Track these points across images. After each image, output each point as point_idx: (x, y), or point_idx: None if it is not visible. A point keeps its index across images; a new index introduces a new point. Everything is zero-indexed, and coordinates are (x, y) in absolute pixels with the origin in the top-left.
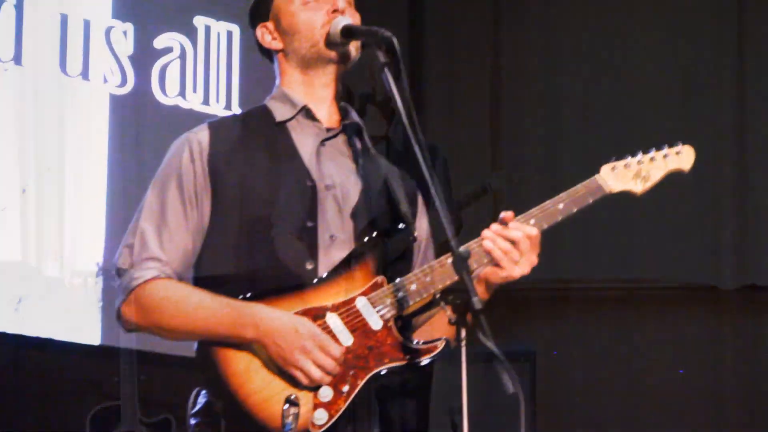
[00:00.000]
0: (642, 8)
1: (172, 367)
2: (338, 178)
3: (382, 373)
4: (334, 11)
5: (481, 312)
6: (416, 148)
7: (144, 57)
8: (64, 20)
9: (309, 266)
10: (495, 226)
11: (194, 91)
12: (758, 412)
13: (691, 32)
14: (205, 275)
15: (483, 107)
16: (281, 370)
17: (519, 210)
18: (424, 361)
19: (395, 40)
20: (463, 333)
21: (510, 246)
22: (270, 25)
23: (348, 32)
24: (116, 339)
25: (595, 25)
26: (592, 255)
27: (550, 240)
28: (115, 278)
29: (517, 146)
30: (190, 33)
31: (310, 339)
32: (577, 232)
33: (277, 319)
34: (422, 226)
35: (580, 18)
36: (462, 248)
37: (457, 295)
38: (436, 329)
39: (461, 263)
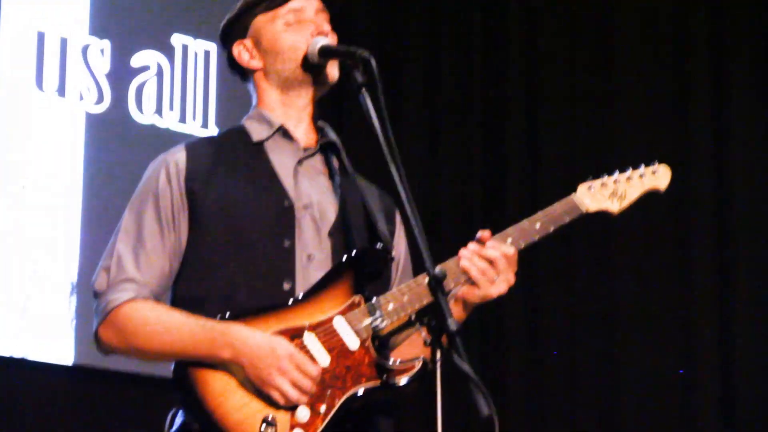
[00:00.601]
0: (621, 31)
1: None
2: (315, 197)
3: (360, 393)
4: (319, 33)
5: (456, 334)
6: (392, 168)
7: (121, 75)
8: (41, 37)
9: (287, 286)
10: (472, 245)
11: (171, 109)
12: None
13: (669, 54)
14: (184, 295)
15: (466, 126)
16: (258, 390)
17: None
18: (402, 380)
19: (373, 61)
20: (439, 355)
21: (487, 265)
22: (248, 42)
23: (326, 52)
24: (90, 359)
25: (578, 48)
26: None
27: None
28: (93, 301)
29: (498, 162)
30: (168, 51)
31: (287, 359)
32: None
33: (253, 339)
34: (400, 245)
35: (563, 39)
36: (438, 269)
37: (432, 317)
38: (415, 349)
39: (436, 284)
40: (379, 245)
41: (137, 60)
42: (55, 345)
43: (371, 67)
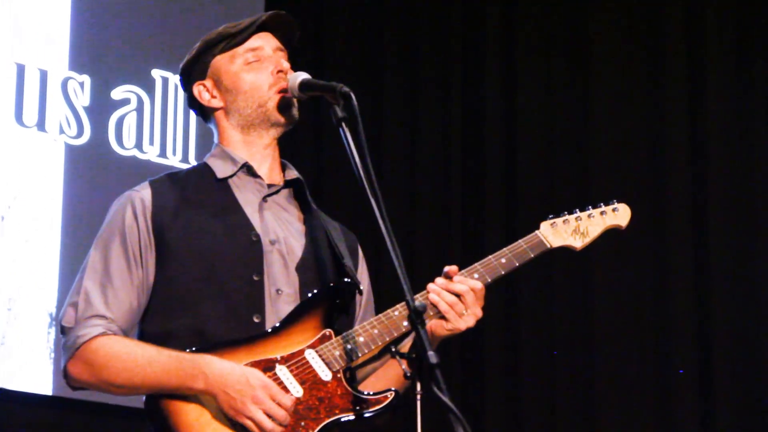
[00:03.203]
0: (601, 66)
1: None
2: (282, 233)
3: (334, 424)
4: (279, 72)
5: (436, 366)
6: (372, 202)
7: (101, 108)
8: (20, 71)
9: (256, 319)
10: (440, 280)
11: (151, 143)
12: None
13: (646, 86)
14: (152, 330)
15: (444, 160)
16: (232, 421)
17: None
18: (376, 411)
19: (353, 95)
20: (419, 387)
21: (455, 299)
22: (208, 83)
23: (306, 86)
24: (68, 390)
25: (556, 81)
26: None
27: None
28: (61, 337)
29: (477, 192)
30: (148, 85)
31: (261, 389)
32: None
33: (227, 370)
34: (364, 280)
35: (542, 71)
36: (418, 302)
37: (412, 350)
38: (382, 380)
39: (417, 317)
40: (347, 280)
41: (117, 94)
42: (34, 375)
43: (351, 102)
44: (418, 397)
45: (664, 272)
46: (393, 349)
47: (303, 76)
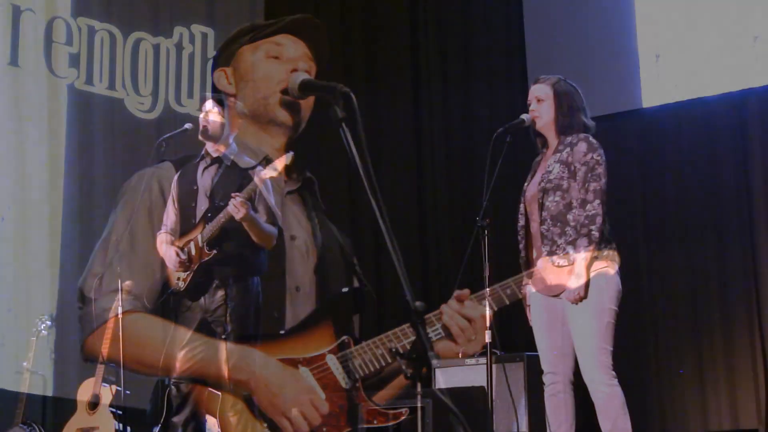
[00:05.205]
0: None
1: None
2: (298, 230)
3: (361, 430)
4: (294, 70)
5: (436, 367)
6: (373, 203)
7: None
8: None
9: (275, 314)
10: (453, 304)
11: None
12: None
13: None
14: (171, 308)
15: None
16: (264, 415)
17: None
18: (390, 426)
19: (353, 96)
20: (419, 387)
21: (467, 324)
22: (229, 70)
23: (306, 86)
24: (68, 390)
25: None
26: None
27: None
28: (78, 305)
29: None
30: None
31: (306, 391)
32: None
33: (276, 367)
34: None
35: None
36: (418, 302)
37: (412, 350)
38: (390, 390)
39: (417, 317)
40: (367, 287)
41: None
42: (34, 376)
43: (351, 102)
44: (419, 396)
45: (665, 272)
46: (393, 349)
47: (303, 76)
